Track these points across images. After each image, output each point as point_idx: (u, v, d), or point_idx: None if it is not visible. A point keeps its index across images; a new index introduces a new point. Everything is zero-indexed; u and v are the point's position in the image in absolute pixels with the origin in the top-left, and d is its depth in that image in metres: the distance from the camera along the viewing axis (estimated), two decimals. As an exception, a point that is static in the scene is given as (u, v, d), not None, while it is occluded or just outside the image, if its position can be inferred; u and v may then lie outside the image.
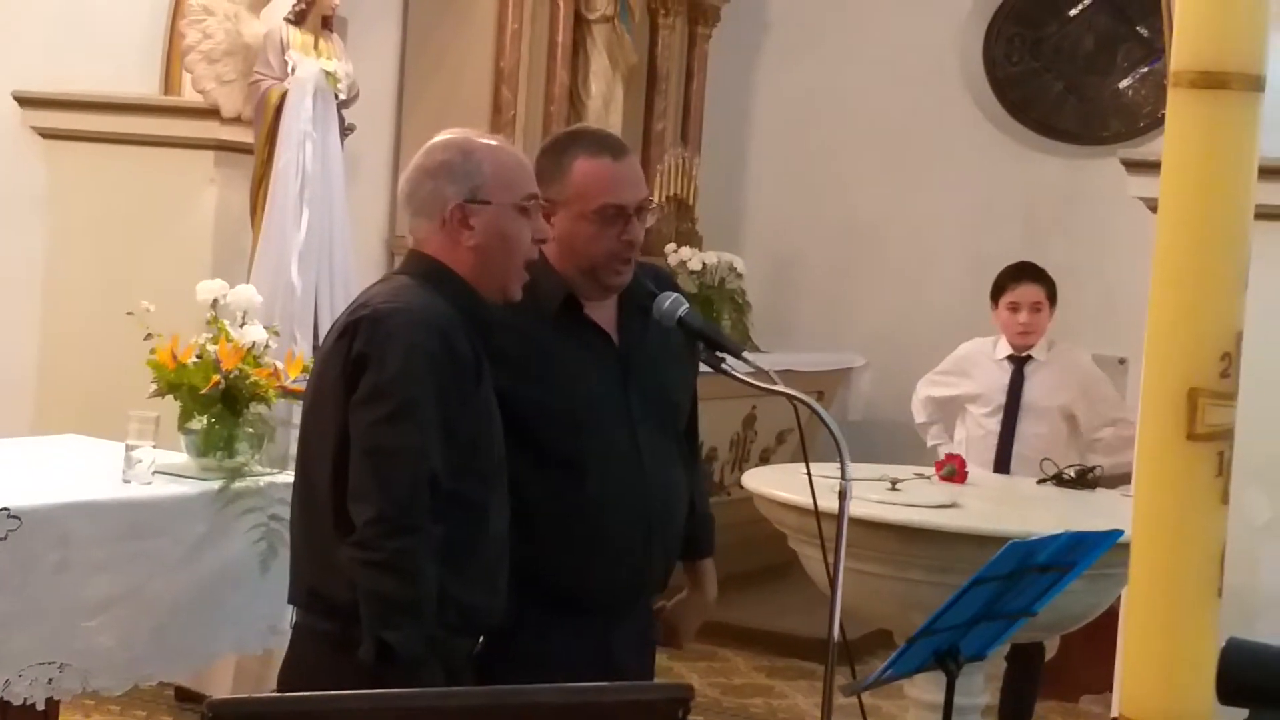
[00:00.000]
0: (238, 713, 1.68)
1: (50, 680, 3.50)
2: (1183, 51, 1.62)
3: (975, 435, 5.38)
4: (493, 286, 2.76)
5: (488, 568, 2.71)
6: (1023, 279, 5.34)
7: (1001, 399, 5.33)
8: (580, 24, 7.95)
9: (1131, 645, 1.66)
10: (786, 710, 6.05)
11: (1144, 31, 8.69)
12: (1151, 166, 5.12)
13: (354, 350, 2.63)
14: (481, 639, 2.76)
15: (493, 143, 2.83)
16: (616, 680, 2.83)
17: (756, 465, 7.81)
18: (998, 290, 5.38)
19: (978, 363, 5.48)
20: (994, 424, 5.31)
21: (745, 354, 2.98)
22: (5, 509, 3.39)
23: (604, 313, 2.98)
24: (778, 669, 6.57)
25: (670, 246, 8.23)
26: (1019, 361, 5.35)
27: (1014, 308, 5.32)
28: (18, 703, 3.46)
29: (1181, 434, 1.64)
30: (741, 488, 7.73)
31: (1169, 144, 1.65)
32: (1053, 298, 5.37)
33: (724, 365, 2.99)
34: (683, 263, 8.17)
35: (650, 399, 2.98)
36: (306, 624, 2.76)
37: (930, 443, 5.62)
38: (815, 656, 6.63)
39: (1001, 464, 5.26)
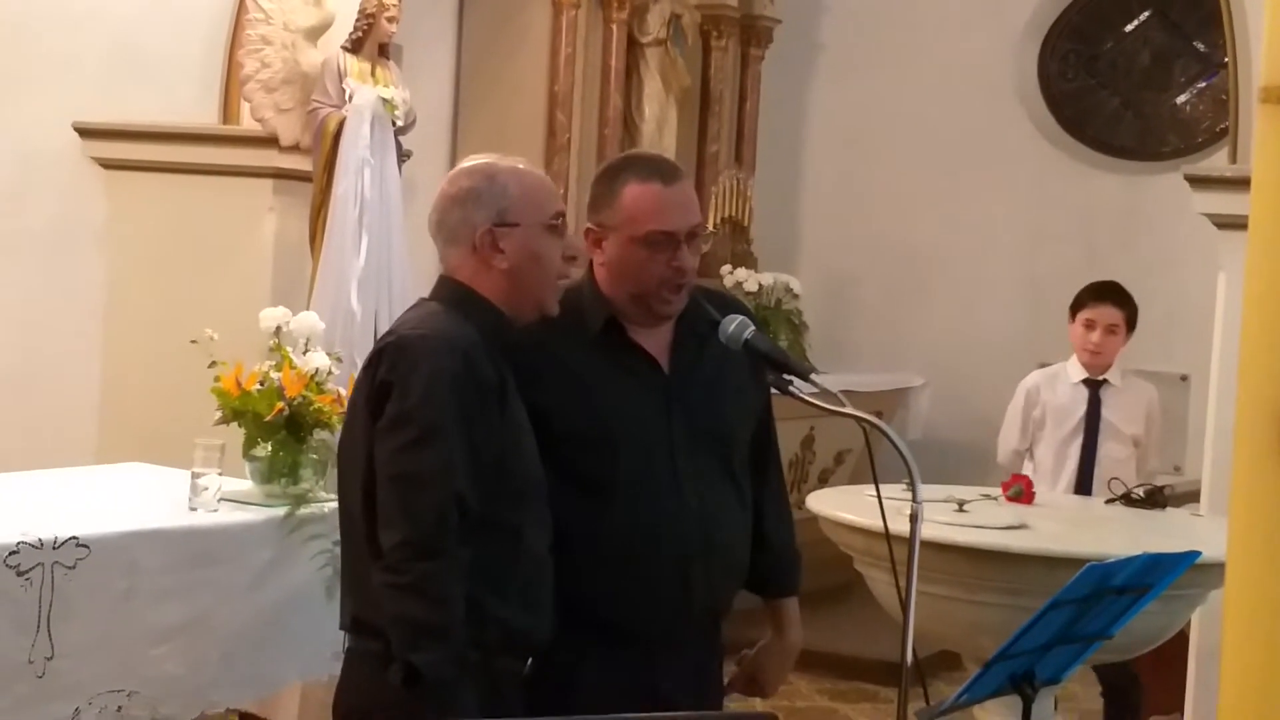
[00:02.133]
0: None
1: (119, 708, 3.51)
2: (1272, 67, 1.59)
3: (1044, 462, 5.29)
4: (527, 306, 2.79)
5: (527, 587, 2.71)
6: (1104, 300, 5.24)
7: (1074, 421, 5.24)
8: (633, 47, 7.96)
9: (1229, 666, 1.62)
10: (850, 734, 6.01)
11: (1200, 46, 8.63)
12: (1216, 182, 5.07)
13: (378, 378, 2.67)
14: (530, 661, 2.75)
15: (516, 165, 2.83)
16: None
17: (815, 486, 7.77)
18: (1077, 305, 5.29)
19: (1048, 386, 5.38)
20: (1069, 448, 5.22)
21: (813, 376, 2.95)
22: (74, 537, 3.41)
23: (656, 338, 2.94)
24: (840, 692, 6.52)
25: (726, 268, 8.22)
26: (1094, 385, 5.27)
27: (1089, 325, 5.23)
28: (87, 731, 3.48)
29: (1276, 453, 1.61)
30: (800, 509, 7.74)
31: (1259, 161, 1.62)
32: (1131, 323, 5.26)
33: (791, 388, 2.97)
34: (739, 284, 8.16)
35: (697, 427, 2.93)
36: (356, 647, 2.79)
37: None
38: (878, 679, 6.58)
39: (1083, 486, 5.17)
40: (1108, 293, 5.29)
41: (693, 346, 2.95)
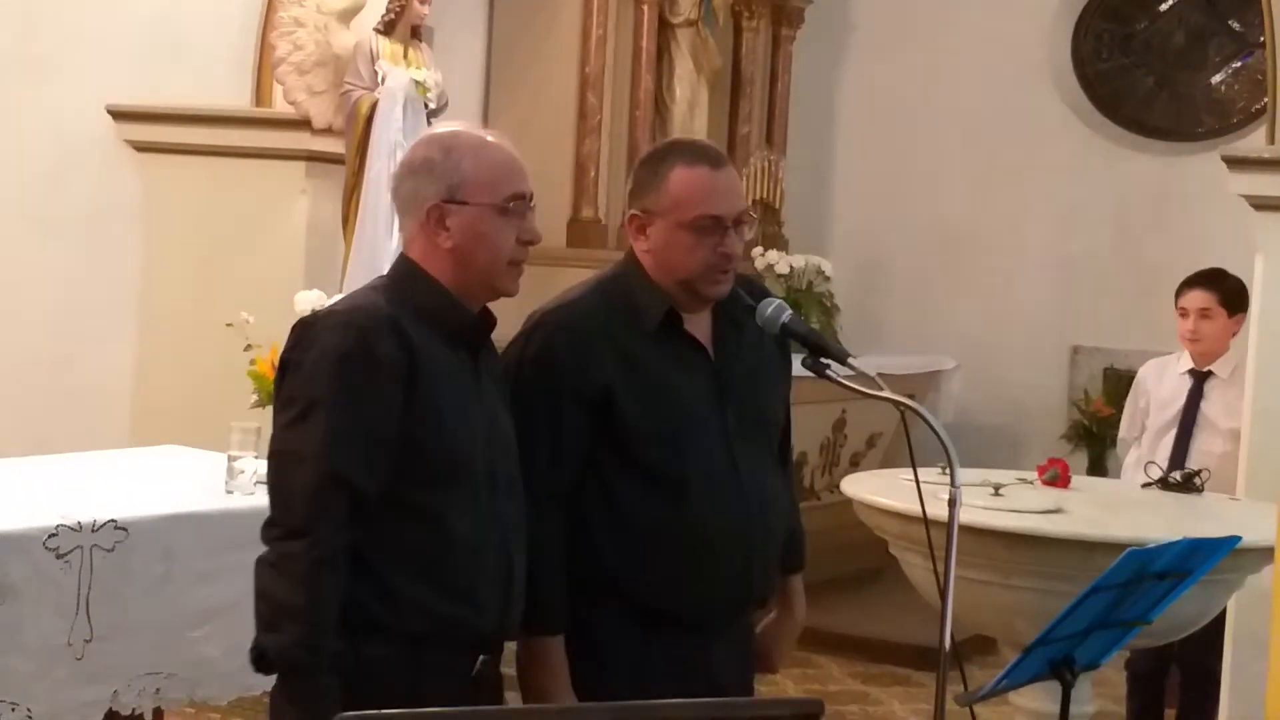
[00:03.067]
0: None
1: (158, 690, 3.53)
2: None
3: (1144, 453, 5.19)
4: (476, 288, 2.66)
5: (455, 575, 2.58)
6: (1193, 285, 5.12)
7: (1172, 413, 5.13)
8: (664, 29, 7.94)
9: (1277, 657, 1.61)
10: (883, 717, 6.00)
11: (1236, 25, 8.57)
12: (1254, 163, 5.03)
13: (282, 355, 2.64)
14: (481, 659, 2.66)
15: (482, 139, 2.69)
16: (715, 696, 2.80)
17: (846, 469, 7.76)
18: (1176, 296, 5.20)
19: (1156, 376, 5.27)
20: (1163, 440, 5.09)
21: (850, 360, 2.94)
22: (112, 520, 3.42)
23: (700, 326, 2.92)
24: (872, 675, 6.51)
25: (757, 250, 8.19)
26: (1199, 376, 5.15)
27: (1184, 314, 5.12)
28: (126, 713, 3.50)
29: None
30: (832, 493, 7.74)
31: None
32: (1230, 304, 5.09)
33: (828, 371, 2.96)
34: (770, 266, 8.13)
35: (745, 414, 2.93)
36: None
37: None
38: (909, 662, 6.57)
39: None
40: (1195, 278, 5.15)
41: (733, 334, 2.94)
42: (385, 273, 2.76)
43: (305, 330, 2.60)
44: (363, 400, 2.51)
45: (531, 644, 2.81)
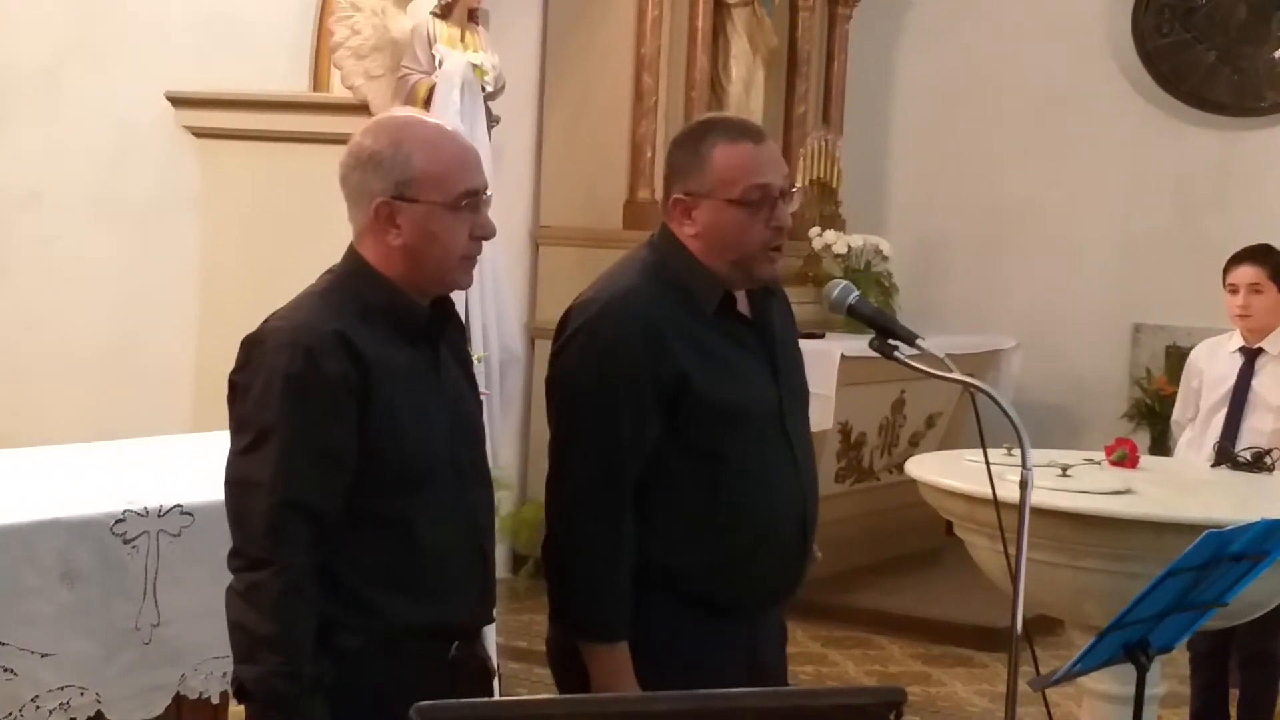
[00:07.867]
0: (446, 718, 1.66)
1: (225, 674, 3.53)
2: None
3: (1197, 430, 5.14)
4: (428, 284, 2.60)
5: (428, 580, 2.56)
6: (1242, 261, 5.05)
7: (1223, 391, 5.05)
8: (720, 9, 7.89)
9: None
10: (946, 698, 5.96)
11: (1299, -1, 8.45)
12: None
13: (231, 375, 2.57)
14: (455, 644, 2.62)
15: (434, 132, 2.61)
16: (760, 678, 2.77)
17: (905, 449, 7.72)
18: (1224, 274, 5.15)
19: (1208, 356, 5.19)
20: (1214, 419, 5.03)
21: (918, 341, 2.93)
22: (178, 505, 3.43)
23: (741, 301, 2.88)
24: (934, 656, 6.48)
25: (814, 230, 8.14)
26: (1251, 354, 5.07)
27: (1233, 290, 5.04)
28: (193, 696, 3.51)
29: None
30: (892, 473, 7.72)
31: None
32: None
33: (896, 353, 2.94)
34: (827, 246, 8.09)
35: (791, 390, 2.90)
36: None
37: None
38: (970, 643, 6.54)
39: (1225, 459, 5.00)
40: (1244, 254, 5.09)
41: (763, 303, 2.90)
42: (338, 264, 2.66)
43: (253, 350, 2.53)
44: (315, 423, 2.46)
45: (599, 652, 2.74)
